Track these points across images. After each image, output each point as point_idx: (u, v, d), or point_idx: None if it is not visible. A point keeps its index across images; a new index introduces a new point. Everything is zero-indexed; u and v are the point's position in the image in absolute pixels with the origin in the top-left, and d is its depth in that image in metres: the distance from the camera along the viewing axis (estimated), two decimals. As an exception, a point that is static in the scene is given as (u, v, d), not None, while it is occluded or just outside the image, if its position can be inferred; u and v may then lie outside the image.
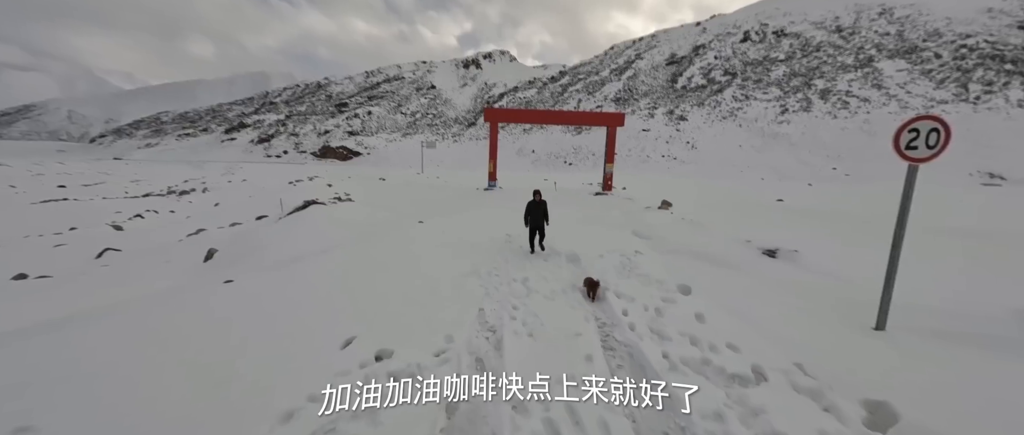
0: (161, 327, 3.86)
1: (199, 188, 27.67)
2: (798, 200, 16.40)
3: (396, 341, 3.62)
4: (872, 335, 3.80)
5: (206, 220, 14.16)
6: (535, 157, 66.68)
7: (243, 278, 5.56)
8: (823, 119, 55.76)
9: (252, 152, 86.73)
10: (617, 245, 7.84)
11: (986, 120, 44.84)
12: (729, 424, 2.62)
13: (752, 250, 7.01)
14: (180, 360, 3.23)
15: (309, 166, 62.06)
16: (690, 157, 56.65)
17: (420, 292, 4.98)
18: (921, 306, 4.28)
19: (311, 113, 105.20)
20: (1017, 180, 34.96)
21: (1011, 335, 3.64)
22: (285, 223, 9.80)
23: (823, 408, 2.79)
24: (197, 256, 8.47)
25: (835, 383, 3.01)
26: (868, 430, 2.54)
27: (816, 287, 5.29)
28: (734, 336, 3.81)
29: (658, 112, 71.48)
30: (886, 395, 2.79)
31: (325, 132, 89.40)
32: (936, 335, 3.69)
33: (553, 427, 2.61)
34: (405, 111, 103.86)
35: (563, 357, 3.50)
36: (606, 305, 4.79)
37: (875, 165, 42.01)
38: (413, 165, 61.74)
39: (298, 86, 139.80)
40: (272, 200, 15.89)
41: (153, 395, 2.78)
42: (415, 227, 9.84)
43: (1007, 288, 4.49)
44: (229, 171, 46.27)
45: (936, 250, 6.38)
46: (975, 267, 5.39)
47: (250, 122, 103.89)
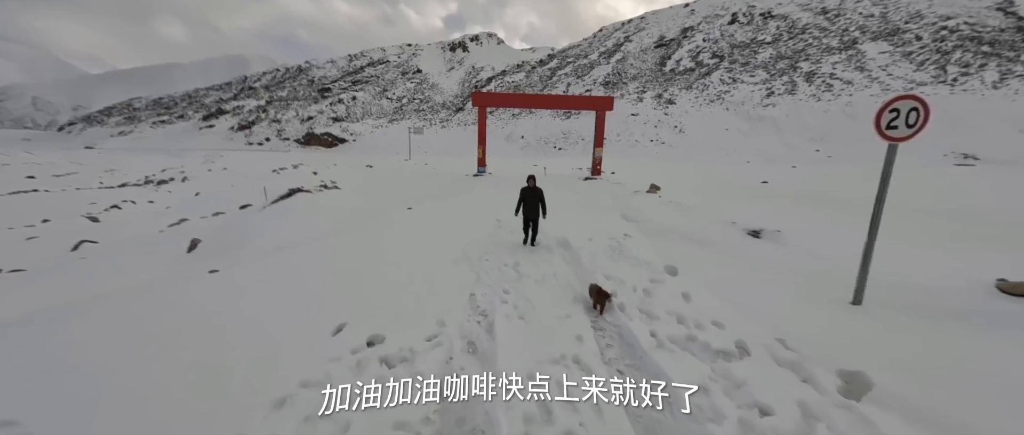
0: (146, 318, 3.78)
1: (178, 177, 26.80)
2: (782, 182, 16.74)
3: (387, 326, 3.63)
4: (849, 310, 3.96)
5: (187, 210, 13.77)
6: (524, 143, 66.28)
7: (229, 268, 5.47)
8: (807, 102, 56.53)
9: (232, 139, 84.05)
10: (606, 229, 7.92)
11: (962, 101, 46.09)
12: (713, 397, 2.73)
13: (737, 231, 7.17)
14: (168, 351, 3.19)
15: (293, 154, 60.49)
16: (678, 141, 57.04)
17: (411, 278, 4.97)
18: (896, 282, 4.46)
19: (293, 98, 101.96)
20: (989, 160, 36.26)
21: (979, 307, 3.83)
22: (270, 212, 9.60)
23: (802, 379, 2.92)
24: (180, 247, 8.26)
25: (814, 355, 3.14)
26: (844, 398, 2.67)
27: (798, 265, 5.46)
28: (719, 314, 3.93)
29: (647, 96, 71.42)
30: (861, 365, 2.93)
31: (308, 118, 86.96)
32: (909, 309, 3.86)
33: (546, 408, 2.67)
34: (391, 96, 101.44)
35: (554, 338, 3.56)
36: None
37: (857, 147, 43.02)
38: (400, 152, 60.80)
39: (278, 70, 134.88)
40: (256, 189, 15.50)
41: (142, 386, 2.74)
42: (404, 214, 9.76)
43: (977, 263, 4.71)
44: (209, 159, 44.84)
45: (912, 228, 6.63)
46: (948, 244, 5.63)
47: (229, 108, 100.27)
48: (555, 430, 2.43)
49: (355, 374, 2.91)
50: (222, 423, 2.37)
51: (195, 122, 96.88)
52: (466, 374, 3.03)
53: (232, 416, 2.43)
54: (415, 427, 2.44)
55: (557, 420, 2.51)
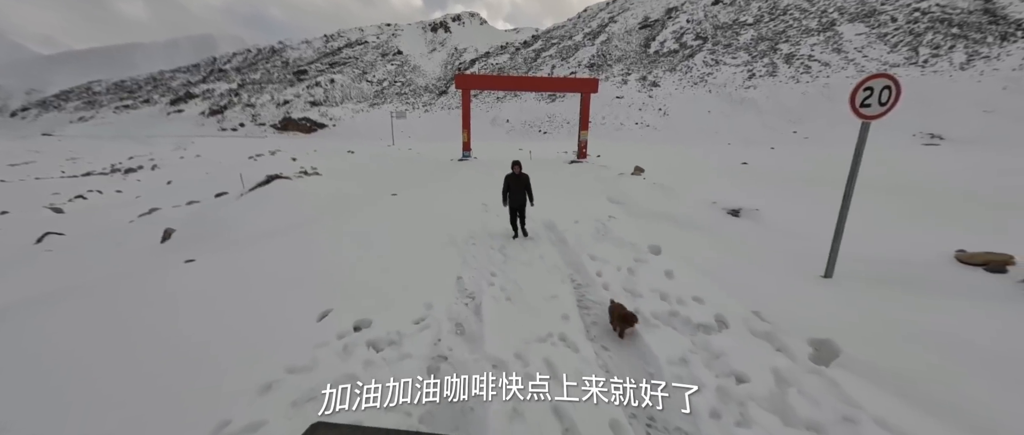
0: (123, 309, 3.66)
1: (147, 165, 25.58)
2: (761, 163, 17.16)
3: (374, 311, 3.62)
4: (821, 283, 4.15)
5: (159, 199, 13.21)
6: (509, 126, 65.62)
7: (206, 257, 5.31)
8: (787, 83, 57.54)
9: (204, 125, 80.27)
10: (592, 211, 8.01)
11: (931, 82, 47.73)
12: (693, 367, 2.84)
13: (718, 211, 7.36)
14: (146, 342, 3.11)
15: (270, 139, 58.26)
16: (662, 124, 57.49)
17: (396, 263, 4.94)
18: (864, 255, 4.68)
19: (267, 81, 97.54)
20: (954, 140, 37.95)
21: (939, 277, 4.07)
22: (248, 199, 9.30)
23: (776, 348, 3.07)
24: (152, 237, 7.96)
25: (787, 326, 3.30)
26: (814, 364, 2.83)
27: (774, 242, 5.66)
28: (699, 290, 4.06)
29: (631, 78, 71.31)
30: (829, 334, 3.10)
31: (284, 102, 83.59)
32: (875, 280, 4.08)
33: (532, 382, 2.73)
34: (371, 79, 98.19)
35: (541, 318, 3.62)
36: (583, 269, 4.94)
37: (832, 129, 44.28)
38: (383, 137, 59.37)
39: (250, 51, 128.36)
40: (231, 176, 14.95)
41: (120, 377, 2.67)
42: (388, 200, 9.61)
43: (938, 237, 4.98)
44: (180, 146, 42.83)
45: (881, 205, 6.93)
46: (913, 219, 5.92)
47: (198, 92, 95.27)
48: (542, 405, 2.49)
49: (342, 358, 2.91)
50: (205, 410, 2.35)
51: (162, 107, 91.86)
52: (454, 355, 3.08)
53: (216, 403, 2.41)
54: (404, 408, 2.46)
55: (544, 394, 2.58)
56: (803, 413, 2.37)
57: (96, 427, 2.24)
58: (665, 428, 2.37)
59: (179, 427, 2.22)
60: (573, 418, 2.37)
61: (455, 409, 2.49)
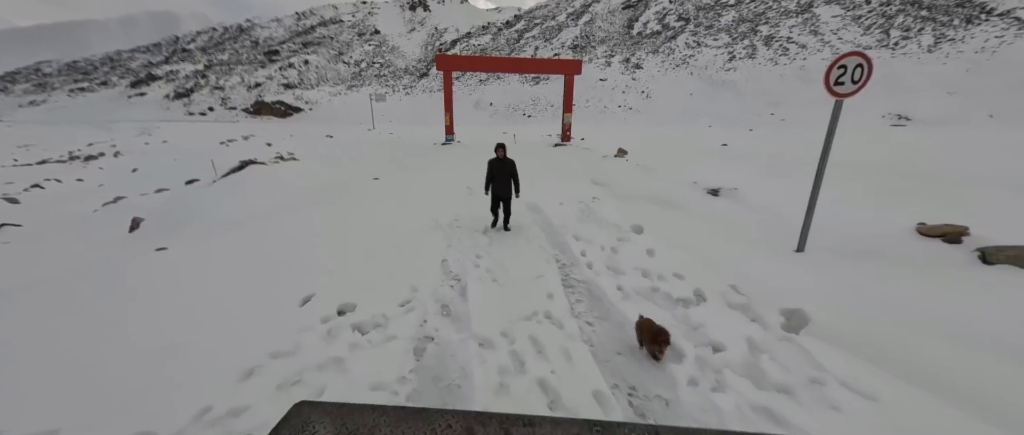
0: (92, 300, 3.51)
1: (109, 152, 24.14)
2: (740, 144, 17.54)
3: (358, 295, 3.58)
4: (793, 257, 4.33)
5: (124, 187, 12.53)
6: (493, 110, 64.68)
7: (179, 246, 5.11)
8: (765, 66, 58.44)
9: (169, 109, 75.90)
10: (576, 193, 8.06)
11: (901, 64, 49.36)
12: (674, 338, 2.94)
13: (698, 190, 7.52)
14: (119, 332, 2.99)
15: (242, 124, 55.68)
16: (645, 107, 57.76)
17: (380, 247, 4.88)
18: (834, 230, 4.89)
19: (236, 62, 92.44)
20: (920, 120, 39.62)
21: (901, 248, 4.31)
22: (221, 186, 8.93)
23: (751, 319, 3.21)
24: (120, 227, 7.58)
25: (761, 298, 3.45)
26: (785, 332, 2.97)
27: (751, 219, 5.84)
28: (680, 266, 4.18)
29: (615, 60, 70.94)
30: (800, 304, 3.26)
31: (256, 85, 79.66)
32: (843, 253, 4.28)
33: (518, 359, 2.79)
34: (347, 60, 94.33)
35: (526, 298, 3.67)
36: (567, 249, 5.00)
37: (807, 110, 45.47)
38: (363, 121, 57.62)
39: (216, 30, 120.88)
40: (202, 163, 14.30)
41: (94, 370, 2.58)
42: (370, 184, 9.41)
43: (902, 211, 5.24)
44: (145, 132, 40.49)
45: (850, 182, 7.20)
46: (879, 195, 6.20)
47: (161, 74, 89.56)
48: (527, 379, 2.55)
49: (327, 342, 2.88)
50: (185, 398, 2.30)
51: (122, 90, 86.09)
52: (440, 335, 3.09)
53: (196, 390, 2.36)
54: (391, 387, 2.47)
55: (529, 370, 2.64)
56: (774, 377, 2.50)
57: (70, 419, 2.16)
58: (646, 396, 2.47)
59: (157, 416, 2.17)
60: (558, 391, 2.44)
61: (442, 386, 2.52)
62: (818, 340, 2.84)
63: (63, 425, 2.12)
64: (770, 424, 2.18)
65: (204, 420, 2.15)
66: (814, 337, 2.88)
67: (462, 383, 2.52)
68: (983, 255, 3.74)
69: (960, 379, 2.36)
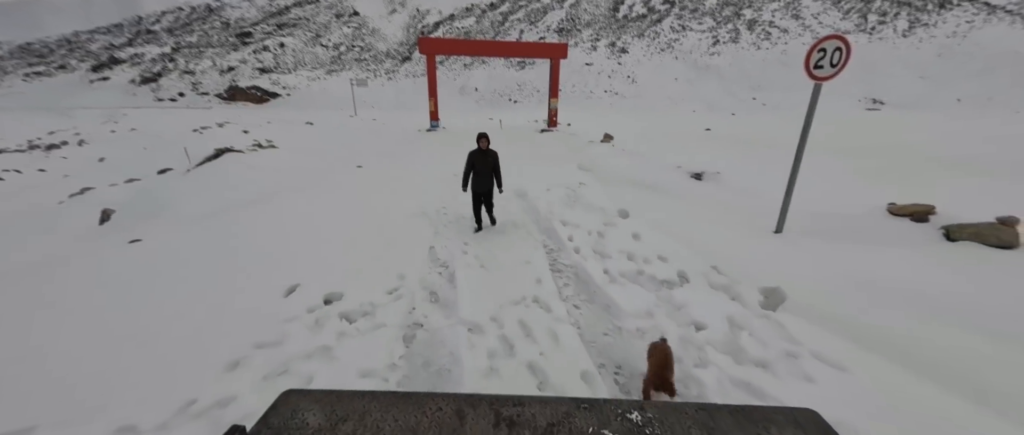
0: (63, 295, 3.37)
1: (73, 140, 22.84)
2: (723, 129, 17.81)
3: (344, 284, 3.55)
4: (772, 237, 4.47)
5: (91, 178, 11.95)
6: (478, 96, 63.68)
7: (154, 237, 4.93)
8: (748, 50, 58.98)
9: (136, 95, 71.90)
10: (563, 179, 8.09)
11: (877, 49, 50.54)
12: (657, 319, 3.04)
13: (682, 175, 7.63)
14: (94, 326, 2.90)
15: (216, 111, 53.28)
16: (631, 91, 57.79)
17: (366, 236, 4.82)
18: (810, 211, 5.06)
19: (206, 45, 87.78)
20: (893, 104, 40.91)
21: (873, 227, 4.49)
22: (196, 175, 8.61)
23: (731, 298, 3.32)
24: (88, 219, 7.26)
25: (741, 278, 3.57)
26: (763, 310, 3.09)
27: (733, 202, 5.98)
28: (664, 249, 4.27)
29: (601, 44, 70.41)
30: (777, 282, 3.38)
31: (229, 69, 76.02)
32: (819, 232, 4.44)
33: (507, 342, 2.83)
34: (326, 43, 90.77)
35: (515, 283, 3.70)
36: (555, 235, 5.04)
37: (788, 94, 46.32)
38: (344, 107, 55.96)
39: (182, 10, 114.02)
40: (175, 151, 13.71)
41: (71, 363, 2.50)
42: (353, 172, 9.22)
43: (874, 191, 5.45)
44: (110, 119, 38.33)
45: (827, 165, 7.43)
46: (853, 176, 6.42)
47: (125, 57, 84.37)
48: (516, 362, 2.59)
49: (314, 331, 2.86)
50: (167, 391, 2.26)
51: (83, 74, 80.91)
52: (429, 322, 3.10)
53: (178, 383, 2.32)
54: (381, 374, 2.48)
55: (518, 353, 2.68)
56: (753, 352, 2.61)
57: (47, 415, 2.10)
58: (631, 374, 2.54)
59: (139, 410, 2.13)
60: (546, 372, 2.49)
61: (432, 371, 2.54)
62: (794, 316, 2.97)
63: (40, 422, 2.06)
64: (748, 396, 2.29)
65: (189, 412, 2.13)
66: (790, 313, 3.01)
67: (452, 367, 2.54)
68: (947, 232, 3.94)
69: (922, 348, 2.51)
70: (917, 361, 2.42)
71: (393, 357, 2.64)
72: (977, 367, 2.31)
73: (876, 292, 3.14)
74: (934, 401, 2.13)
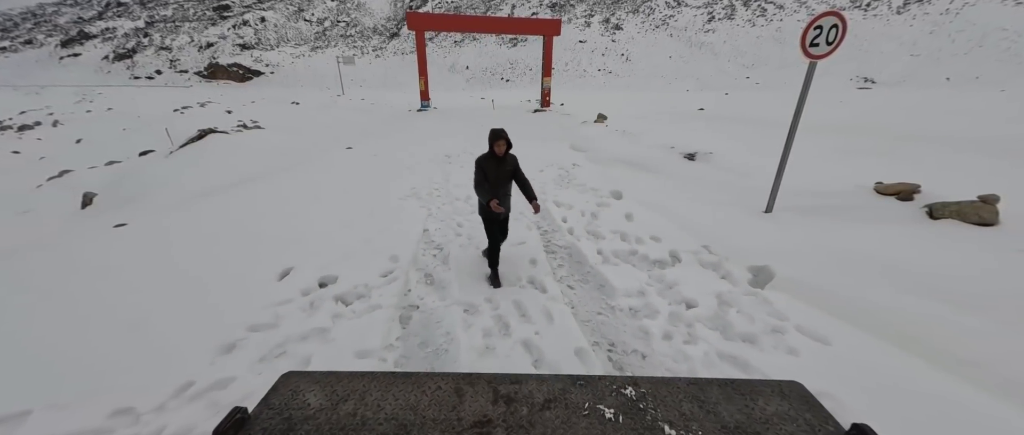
0: (51, 279, 3.30)
1: (47, 121, 21.85)
2: (716, 108, 17.74)
3: (339, 267, 3.54)
4: (762, 217, 4.54)
5: (69, 160, 11.51)
6: (469, 74, 62.18)
7: (140, 221, 4.82)
8: (743, 27, 58.14)
9: (111, 72, 68.63)
10: (556, 159, 8.04)
11: (870, 26, 50.18)
12: (649, 297, 3.10)
13: (675, 155, 7.64)
14: (82, 311, 2.86)
15: (196, 89, 51.22)
16: (624, 70, 56.92)
17: (358, 218, 4.77)
18: (801, 190, 5.13)
19: (182, 19, 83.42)
20: (883, 83, 41.03)
21: (860, 206, 4.58)
22: (181, 157, 8.36)
23: (721, 276, 3.40)
24: (69, 203, 7.05)
25: (730, 256, 3.64)
26: (751, 287, 3.18)
27: (725, 182, 6.03)
28: (656, 229, 4.32)
29: (594, 20, 68.70)
30: (766, 260, 3.46)
31: (208, 45, 72.68)
32: (808, 211, 4.52)
33: (503, 322, 2.87)
34: (309, 18, 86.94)
35: (509, 263, 3.72)
36: (548, 215, 5.04)
37: (781, 73, 46.11)
38: (330, 86, 54.30)
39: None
40: (156, 132, 13.26)
41: (62, 348, 2.47)
42: (343, 153, 9.03)
43: (862, 170, 5.53)
44: (84, 98, 36.67)
45: (818, 144, 7.50)
46: (842, 155, 6.50)
47: (95, 31, 79.93)
48: (512, 340, 2.64)
49: (309, 314, 2.86)
50: (163, 373, 2.26)
51: (51, 50, 76.63)
52: (425, 303, 3.12)
53: (174, 366, 2.32)
54: (378, 354, 2.51)
55: (514, 332, 2.73)
56: (740, 328, 2.69)
57: (42, 399, 2.10)
58: (624, 351, 2.61)
59: (136, 393, 2.13)
60: (542, 350, 2.54)
61: (429, 350, 2.58)
62: (781, 293, 3.05)
63: (35, 405, 2.06)
64: (735, 369, 2.37)
65: (186, 394, 2.14)
66: (777, 290, 3.10)
67: (449, 347, 2.58)
68: (930, 211, 4.04)
69: (901, 322, 2.61)
70: (896, 333, 2.53)
71: (390, 338, 2.67)
72: (952, 338, 2.42)
73: (860, 269, 3.24)
74: (910, 370, 2.24)
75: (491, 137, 3.04)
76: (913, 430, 1.85)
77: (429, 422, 0.72)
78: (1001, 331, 2.42)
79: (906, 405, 2.01)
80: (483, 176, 3.10)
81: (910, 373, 2.22)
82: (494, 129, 3.04)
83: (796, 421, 0.72)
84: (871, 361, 2.33)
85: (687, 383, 0.82)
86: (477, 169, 3.10)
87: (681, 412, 0.74)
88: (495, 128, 3.05)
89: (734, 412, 0.74)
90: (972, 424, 1.88)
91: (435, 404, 0.76)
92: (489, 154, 3.10)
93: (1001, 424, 1.88)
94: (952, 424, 1.89)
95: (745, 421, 0.72)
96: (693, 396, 0.78)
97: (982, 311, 2.60)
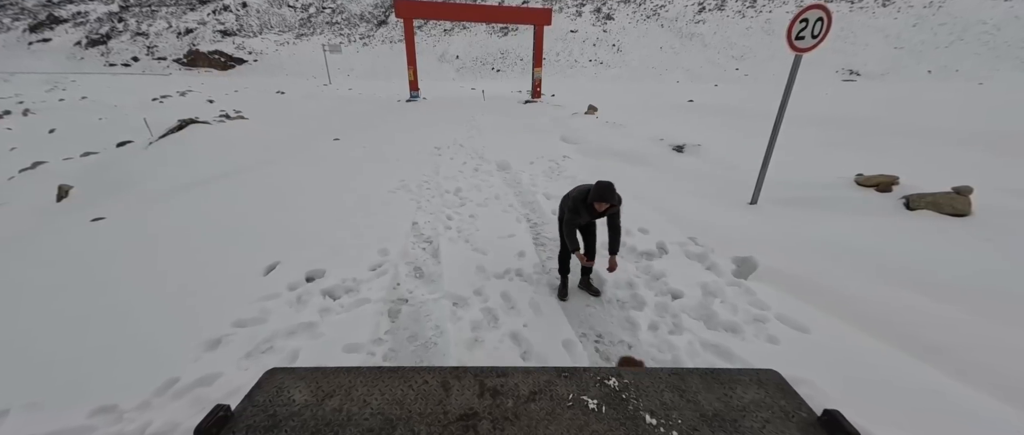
0: (24, 274, 3.20)
1: (16, 110, 20.93)
2: (706, 99, 17.86)
3: (326, 260, 3.50)
4: (747, 208, 4.63)
5: (42, 151, 11.08)
6: (459, 63, 61.30)
7: (119, 214, 4.69)
8: (733, 18, 58.27)
9: (84, 59, 65.75)
10: (546, 151, 8.03)
11: (857, 19, 50.78)
12: (637, 288, 3.15)
13: (664, 147, 7.69)
14: (59, 308, 2.78)
15: (176, 78, 49.45)
16: (616, 61, 56.74)
17: (346, 211, 4.71)
18: (783, 182, 5.23)
19: (159, 3, 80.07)
20: (868, 75, 41.75)
21: (841, 198, 4.69)
22: (160, 148, 8.11)
23: (706, 267, 3.46)
24: (44, 195, 6.80)
25: (715, 247, 3.71)
26: (735, 278, 3.25)
27: (713, 174, 6.11)
28: (645, 221, 4.37)
29: (586, 9, 68.09)
30: (750, 251, 3.54)
31: (187, 31, 70.02)
32: (791, 203, 4.62)
33: (492, 314, 2.89)
34: (293, 4, 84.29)
35: (498, 256, 3.73)
36: (538, 208, 5.05)
37: (770, 64, 46.50)
38: (317, 75, 53.04)
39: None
40: (133, 122, 12.82)
41: (39, 346, 2.41)
42: (330, 145, 8.88)
43: (843, 162, 5.66)
44: (56, 86, 35.16)
45: (802, 136, 7.63)
46: (826, 147, 6.63)
47: (66, 16, 76.28)
48: (500, 333, 2.66)
49: (296, 309, 2.84)
50: (146, 370, 2.23)
51: (18, 35, 72.96)
52: (414, 296, 3.12)
53: (157, 362, 2.28)
54: (367, 348, 2.51)
55: (502, 324, 2.75)
56: (724, 318, 2.76)
57: (18, 398, 2.05)
58: (611, 342, 2.66)
59: (118, 390, 2.10)
60: (530, 342, 2.57)
61: (418, 344, 2.59)
62: (763, 283, 3.13)
63: (12, 404, 2.01)
64: (717, 358, 2.44)
65: (171, 391, 2.11)
66: (760, 281, 3.17)
67: (438, 340, 2.59)
68: (907, 202, 4.17)
69: (875, 309, 2.71)
70: (870, 321, 2.62)
71: (379, 332, 2.66)
72: (923, 325, 2.52)
73: (839, 259, 3.33)
74: (883, 357, 2.33)
75: (595, 193, 2.49)
76: (883, 414, 1.93)
77: (415, 416, 0.73)
78: (966, 318, 2.53)
79: (877, 391, 2.09)
80: (573, 227, 2.77)
81: (882, 359, 2.31)
82: (601, 184, 2.48)
83: (771, 408, 0.74)
84: (847, 349, 2.41)
85: (668, 373, 0.83)
86: (569, 215, 2.73)
87: (662, 401, 0.76)
88: (603, 182, 2.49)
89: (713, 400, 0.76)
90: (936, 408, 1.97)
91: (421, 398, 0.77)
92: (584, 201, 2.64)
93: (960, 405, 1.97)
94: (919, 407, 1.98)
95: (723, 409, 0.74)
96: (674, 386, 0.80)
97: (949, 299, 2.71)
